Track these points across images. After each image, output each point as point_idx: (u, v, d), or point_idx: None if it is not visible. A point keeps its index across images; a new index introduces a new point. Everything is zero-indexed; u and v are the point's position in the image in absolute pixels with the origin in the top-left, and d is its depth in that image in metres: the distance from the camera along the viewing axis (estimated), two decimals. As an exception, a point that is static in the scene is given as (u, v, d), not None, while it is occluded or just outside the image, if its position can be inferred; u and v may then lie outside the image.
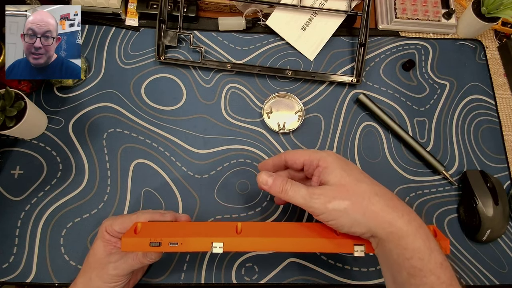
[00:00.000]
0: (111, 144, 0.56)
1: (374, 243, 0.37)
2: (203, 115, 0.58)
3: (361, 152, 0.57)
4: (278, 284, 0.50)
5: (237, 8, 0.63)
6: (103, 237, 0.42)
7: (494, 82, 0.63)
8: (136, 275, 0.48)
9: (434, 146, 0.58)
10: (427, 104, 0.61)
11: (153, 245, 0.37)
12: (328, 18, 0.62)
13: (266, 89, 0.60)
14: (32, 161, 0.54)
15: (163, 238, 0.37)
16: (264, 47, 0.63)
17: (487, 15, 0.60)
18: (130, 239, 0.38)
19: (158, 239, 0.37)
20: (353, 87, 0.61)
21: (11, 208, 0.51)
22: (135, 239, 0.38)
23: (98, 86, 0.58)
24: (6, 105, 0.48)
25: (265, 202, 0.54)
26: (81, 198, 0.53)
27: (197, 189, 0.54)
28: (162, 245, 0.37)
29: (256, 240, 0.38)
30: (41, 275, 0.49)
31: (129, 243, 0.38)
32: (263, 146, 0.57)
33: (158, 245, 0.37)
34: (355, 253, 0.38)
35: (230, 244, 0.38)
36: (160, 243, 0.37)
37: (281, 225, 0.43)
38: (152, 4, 0.61)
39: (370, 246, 0.38)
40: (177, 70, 0.60)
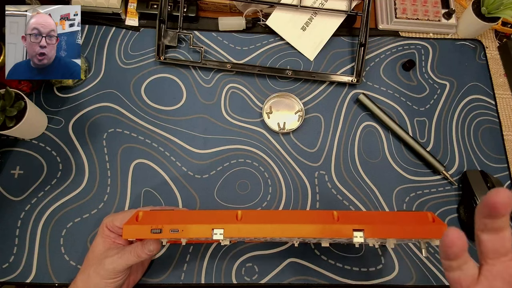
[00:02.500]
0: (111, 144, 0.56)
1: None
2: (203, 115, 0.58)
3: (361, 152, 0.57)
4: (278, 284, 0.50)
5: (237, 8, 0.63)
6: (102, 233, 0.43)
7: (494, 82, 0.63)
8: (136, 273, 0.48)
9: (434, 146, 0.58)
10: (427, 104, 0.61)
11: (155, 231, 0.37)
12: (328, 18, 0.62)
13: (266, 89, 0.60)
14: (32, 161, 0.54)
15: (164, 225, 0.38)
16: (264, 47, 0.63)
17: (487, 15, 0.60)
18: (131, 226, 0.38)
19: (159, 226, 0.37)
20: (353, 87, 0.61)
21: (11, 208, 0.51)
22: (137, 226, 0.38)
23: (98, 86, 0.58)
24: (6, 105, 0.48)
25: (265, 202, 0.54)
26: (81, 198, 0.53)
27: (197, 189, 0.54)
28: (163, 232, 0.37)
29: (256, 227, 0.38)
30: (41, 275, 0.49)
31: (130, 230, 0.38)
32: (263, 146, 0.57)
33: (160, 232, 0.37)
34: (354, 238, 0.37)
35: (230, 231, 0.37)
36: (161, 230, 0.37)
37: (280, 213, 0.43)
38: (152, 4, 0.61)
39: (369, 231, 0.37)
40: (177, 70, 0.60)
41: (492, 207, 0.24)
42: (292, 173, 0.56)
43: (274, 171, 0.56)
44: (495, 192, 0.23)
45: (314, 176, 0.56)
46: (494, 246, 0.25)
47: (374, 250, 0.52)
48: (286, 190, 0.55)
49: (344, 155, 0.57)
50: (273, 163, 0.56)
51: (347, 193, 0.55)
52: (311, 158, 0.57)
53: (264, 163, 0.56)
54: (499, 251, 0.25)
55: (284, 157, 0.56)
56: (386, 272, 0.51)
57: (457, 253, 0.25)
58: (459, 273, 0.26)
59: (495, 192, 0.23)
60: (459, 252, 0.25)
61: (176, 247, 0.51)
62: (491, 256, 0.26)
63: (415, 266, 0.52)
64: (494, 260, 0.25)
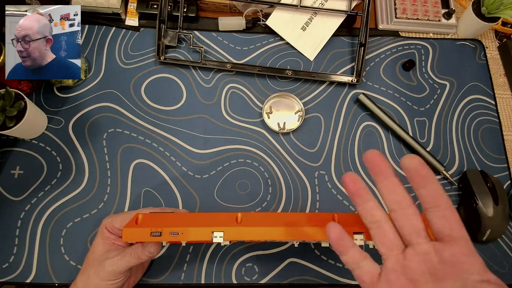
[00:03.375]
0: (111, 144, 0.56)
1: None
2: (203, 115, 0.58)
3: (361, 152, 0.57)
4: (278, 284, 0.50)
5: (237, 8, 0.63)
6: (102, 234, 0.43)
7: (494, 82, 0.63)
8: (136, 274, 0.47)
9: (434, 146, 0.58)
10: (427, 104, 0.61)
11: (154, 234, 0.37)
12: (328, 18, 0.62)
13: (266, 89, 0.60)
14: (32, 161, 0.54)
15: (164, 228, 0.37)
16: (264, 47, 0.63)
17: (487, 15, 0.60)
18: (131, 229, 0.38)
19: (159, 229, 0.37)
20: (353, 87, 0.61)
21: (11, 208, 0.51)
22: (136, 229, 0.38)
23: (98, 86, 0.58)
24: (6, 105, 0.48)
25: (265, 202, 0.54)
26: (81, 198, 0.53)
27: (197, 189, 0.54)
28: (163, 235, 0.37)
29: (256, 230, 0.38)
30: (41, 275, 0.49)
31: (130, 233, 0.38)
32: (263, 146, 0.57)
33: (159, 235, 0.37)
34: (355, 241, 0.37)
35: (230, 233, 0.37)
36: (161, 233, 0.37)
37: (280, 215, 0.43)
38: (152, 4, 0.61)
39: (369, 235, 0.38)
40: (177, 70, 0.60)
41: (345, 188, 0.29)
42: (292, 173, 0.56)
43: (274, 171, 0.56)
44: (345, 174, 0.29)
45: (314, 176, 0.56)
46: (380, 241, 0.29)
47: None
48: (286, 190, 0.55)
49: (344, 155, 0.57)
50: (273, 163, 0.56)
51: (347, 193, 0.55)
52: (311, 158, 0.57)
53: (264, 163, 0.56)
54: (386, 245, 0.29)
55: (284, 157, 0.56)
56: (386, 272, 0.51)
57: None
58: (358, 271, 0.29)
59: (345, 174, 0.29)
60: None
61: (176, 247, 0.51)
62: (382, 251, 0.29)
63: (415, 266, 0.52)
64: (386, 255, 0.29)
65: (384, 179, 0.28)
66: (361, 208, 0.29)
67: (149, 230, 0.37)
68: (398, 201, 0.28)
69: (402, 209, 0.28)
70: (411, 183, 0.27)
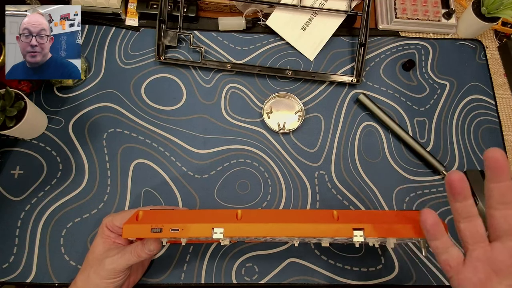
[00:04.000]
0: (111, 144, 0.56)
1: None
2: (203, 115, 0.58)
3: (361, 152, 0.57)
4: (278, 284, 0.50)
5: (237, 8, 0.63)
6: (102, 233, 0.43)
7: (494, 82, 0.63)
8: (136, 273, 0.47)
9: (434, 146, 0.58)
10: (427, 104, 0.61)
11: (155, 231, 0.37)
12: (328, 18, 0.62)
13: (266, 89, 0.60)
14: (32, 161, 0.54)
15: (164, 224, 0.37)
16: (264, 47, 0.63)
17: (487, 15, 0.60)
18: (131, 225, 0.38)
19: (160, 225, 0.37)
20: (353, 87, 0.61)
21: (11, 208, 0.51)
22: (137, 225, 0.38)
23: (98, 86, 0.58)
24: (6, 105, 0.48)
25: (265, 202, 0.54)
26: (81, 198, 0.53)
27: (197, 189, 0.54)
28: (163, 231, 0.37)
29: (256, 226, 0.38)
30: (41, 275, 0.49)
31: (130, 229, 0.38)
32: (263, 146, 0.57)
33: (160, 231, 0.37)
34: (354, 238, 0.37)
35: (230, 230, 0.37)
36: (162, 229, 0.37)
37: (280, 212, 0.43)
38: (152, 4, 0.61)
39: (369, 230, 0.38)
40: (177, 70, 0.60)
41: (451, 186, 0.30)
42: (292, 173, 0.56)
43: (274, 171, 0.56)
44: (449, 172, 0.30)
45: (314, 176, 0.56)
46: (471, 234, 0.31)
47: (374, 250, 0.52)
48: (286, 190, 0.55)
49: (344, 155, 0.57)
50: (273, 163, 0.56)
51: (347, 193, 0.55)
52: (311, 158, 0.57)
53: (264, 163, 0.56)
54: (476, 238, 0.31)
55: (284, 157, 0.56)
56: (386, 272, 0.51)
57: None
58: (446, 256, 0.32)
59: (449, 172, 0.30)
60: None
61: (176, 247, 0.51)
62: (470, 242, 0.31)
63: (415, 266, 0.52)
64: (473, 246, 0.31)
65: (501, 181, 0.29)
66: (461, 204, 0.31)
67: (149, 226, 0.37)
68: (506, 203, 0.30)
69: (506, 210, 0.30)
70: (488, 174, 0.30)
